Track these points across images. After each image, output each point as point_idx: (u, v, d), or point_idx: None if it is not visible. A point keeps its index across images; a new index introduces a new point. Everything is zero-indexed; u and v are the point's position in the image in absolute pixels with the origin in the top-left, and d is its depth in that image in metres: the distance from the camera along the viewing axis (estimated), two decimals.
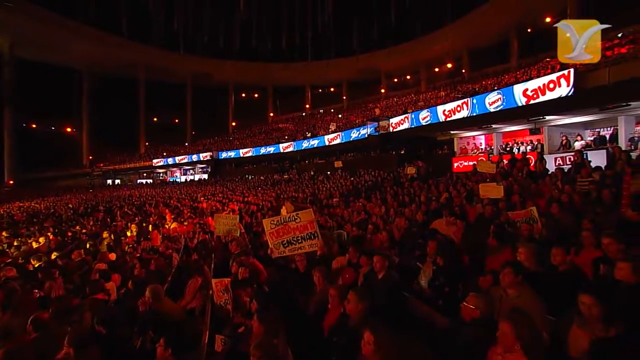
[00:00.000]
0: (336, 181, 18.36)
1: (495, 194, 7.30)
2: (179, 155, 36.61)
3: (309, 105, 47.34)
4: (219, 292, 4.23)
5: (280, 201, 13.07)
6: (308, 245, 4.51)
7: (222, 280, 4.46)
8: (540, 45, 26.11)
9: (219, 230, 6.94)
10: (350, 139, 23.14)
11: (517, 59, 28.01)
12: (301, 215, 4.56)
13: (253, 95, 50.62)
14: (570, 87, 10.17)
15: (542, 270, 3.28)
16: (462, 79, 32.32)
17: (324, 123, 32.27)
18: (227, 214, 7.77)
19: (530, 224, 5.30)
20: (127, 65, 39.33)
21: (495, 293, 3.02)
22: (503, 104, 12.70)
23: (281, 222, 4.61)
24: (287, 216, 4.64)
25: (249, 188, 20.80)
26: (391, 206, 8.38)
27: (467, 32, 29.35)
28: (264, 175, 27.05)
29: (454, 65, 34.84)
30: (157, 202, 17.43)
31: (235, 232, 6.78)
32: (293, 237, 4.54)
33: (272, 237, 4.65)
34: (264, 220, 4.96)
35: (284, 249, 4.59)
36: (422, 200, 8.82)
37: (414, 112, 18.22)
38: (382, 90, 41.25)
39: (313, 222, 4.50)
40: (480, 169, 9.79)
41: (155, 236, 7.90)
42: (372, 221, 6.45)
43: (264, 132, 37.41)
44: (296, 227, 4.51)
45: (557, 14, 25.55)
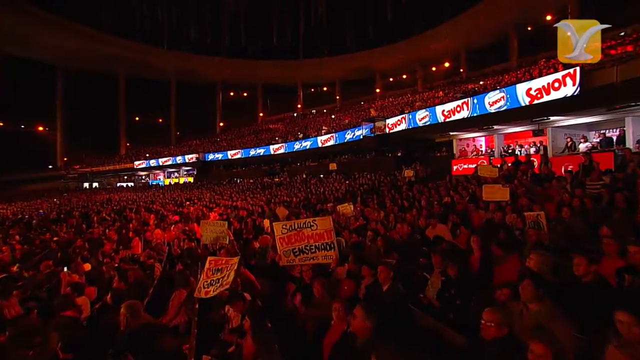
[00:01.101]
0: (330, 185, 18.23)
1: (500, 197, 7.23)
2: (162, 157, 36.05)
3: (301, 105, 47.28)
4: (208, 272, 4.08)
5: (272, 206, 12.84)
6: (322, 256, 4.32)
7: (219, 259, 4.34)
8: (541, 44, 26.50)
9: (206, 237, 6.70)
10: (344, 140, 23.04)
11: (517, 58, 28.39)
12: (318, 222, 4.37)
13: (242, 94, 50.34)
14: (576, 87, 10.21)
15: (561, 281, 3.14)
16: (460, 78, 32.62)
17: (317, 124, 32.19)
18: (214, 220, 7.53)
19: (536, 229, 5.27)
20: (107, 60, 38.55)
21: (513, 307, 2.87)
22: (506, 104, 12.72)
23: (294, 227, 4.41)
24: (303, 222, 4.44)
25: (238, 192, 20.48)
26: (391, 211, 8.22)
27: (465, 30, 29.68)
28: (253, 178, 26.79)
29: (451, 65, 35.16)
30: (139, 206, 16.99)
31: (224, 239, 6.55)
32: (306, 246, 4.35)
33: (282, 243, 4.44)
34: (274, 223, 4.75)
35: (294, 258, 4.40)
36: (422, 205, 8.74)
37: (411, 113, 18.21)
38: (377, 90, 41.45)
39: (331, 232, 4.31)
40: (481, 173, 9.75)
41: (136, 244, 7.60)
42: (371, 227, 6.28)
43: (254, 133, 37.17)
44: (311, 234, 4.32)
45: (557, 12, 26.04)
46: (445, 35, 31.42)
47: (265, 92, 48.20)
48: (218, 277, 4.30)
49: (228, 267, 4.31)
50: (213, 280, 4.30)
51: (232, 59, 42.18)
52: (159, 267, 5.91)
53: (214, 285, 4.26)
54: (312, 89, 48.73)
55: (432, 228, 5.90)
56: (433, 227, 5.89)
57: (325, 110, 42.18)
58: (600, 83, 10.19)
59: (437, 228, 5.87)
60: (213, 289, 4.24)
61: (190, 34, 36.62)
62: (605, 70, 10.14)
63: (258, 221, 10.11)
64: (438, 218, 6.81)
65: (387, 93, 39.25)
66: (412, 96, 31.25)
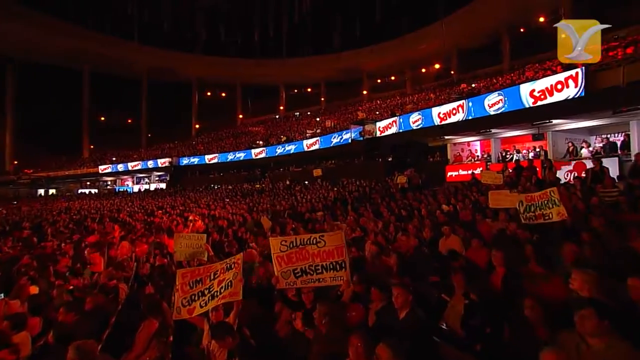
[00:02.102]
0: (316, 192, 17.80)
1: (507, 204, 7.00)
2: (131, 161, 34.84)
3: (283, 107, 46.92)
4: (184, 287, 3.68)
5: (255, 215, 12.25)
6: (330, 277, 3.79)
7: (194, 270, 3.91)
8: (534, 46, 27.20)
9: (180, 253, 6.12)
10: (330, 144, 22.74)
11: (509, 60, 28.96)
12: (327, 238, 3.85)
13: (220, 94, 49.46)
14: (579, 88, 10.23)
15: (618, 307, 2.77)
16: (451, 80, 33.05)
17: (301, 127, 31.86)
18: (190, 233, 6.92)
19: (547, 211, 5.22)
20: (70, 53, 36.73)
21: (568, 342, 2.48)
22: (505, 106, 12.68)
23: (296, 244, 3.88)
24: (307, 237, 3.92)
25: (216, 199, 19.72)
26: (389, 221, 7.84)
27: (457, 31, 30.12)
28: (232, 184, 26.09)
29: (442, 66, 35.63)
30: (103, 216, 15.97)
31: (202, 255, 5.98)
32: (311, 265, 3.82)
33: (281, 263, 3.90)
34: (271, 238, 4.19)
35: (296, 280, 3.86)
36: (423, 214, 8.41)
37: (403, 115, 18.09)
38: (364, 92, 41.58)
39: (342, 249, 3.78)
40: (484, 180, 9.57)
41: (98, 261, 6.89)
42: (375, 240, 5.85)
43: (233, 136, 36.55)
44: (317, 252, 3.80)
45: (550, 13, 26.75)
46: (436, 35, 31.80)
47: (245, 93, 47.56)
48: (203, 289, 3.76)
49: (218, 273, 3.79)
50: (196, 294, 3.76)
51: (209, 56, 41.29)
52: (124, 289, 5.27)
53: (200, 299, 3.72)
54: (296, 89, 48.43)
55: (445, 239, 5.52)
56: (447, 238, 5.51)
57: (309, 112, 41.89)
58: (605, 85, 10.23)
59: (450, 239, 5.49)
60: (200, 303, 3.70)
61: (164, 28, 35.52)
62: (610, 72, 10.19)
63: (240, 232, 9.53)
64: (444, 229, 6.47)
65: (374, 95, 39.41)
66: (401, 98, 31.44)
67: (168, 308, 4.38)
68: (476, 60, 31.47)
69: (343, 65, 39.84)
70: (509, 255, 4.35)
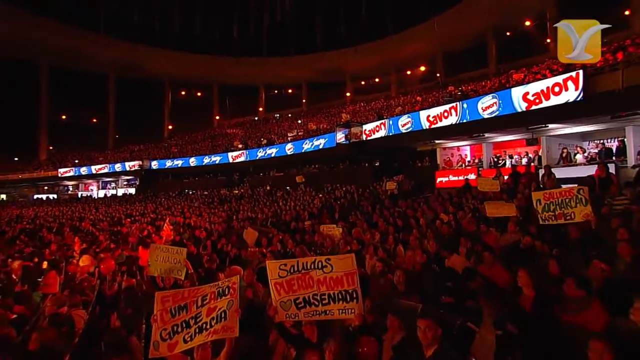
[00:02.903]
0: (299, 198, 17.32)
1: (505, 213, 6.78)
2: (96, 164, 33.35)
3: (263, 109, 46.23)
4: (164, 314, 3.11)
5: (235, 224, 11.60)
6: (339, 309, 3.26)
7: (176, 293, 3.30)
8: (520, 50, 27.82)
9: (155, 268, 5.47)
10: (312, 148, 22.28)
11: (495, 64, 29.47)
12: (335, 262, 3.31)
13: (195, 93, 48.21)
14: (579, 91, 10.21)
15: None
16: (436, 83, 33.34)
17: (281, 129, 31.37)
18: (166, 245, 6.25)
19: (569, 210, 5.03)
20: (25, 45, 34.37)
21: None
22: (499, 110, 12.61)
23: (298, 269, 3.33)
24: (311, 261, 3.37)
25: (191, 206, 18.85)
26: (387, 232, 7.42)
27: (443, 33, 30.48)
28: (208, 189, 25.25)
29: (427, 69, 35.97)
30: (62, 225, 14.82)
31: (179, 272, 5.35)
32: (315, 295, 3.28)
33: (280, 290, 3.35)
34: (268, 262, 3.61)
35: (297, 311, 3.31)
36: (422, 224, 8.05)
37: (392, 118, 17.87)
38: (348, 94, 41.47)
39: (353, 276, 3.25)
40: (481, 187, 9.35)
41: (53, 280, 6.09)
42: (376, 255, 5.39)
43: (209, 138, 35.61)
44: (323, 279, 3.27)
45: (537, 17, 27.47)
46: (421, 37, 32.07)
47: (223, 93, 46.49)
48: (188, 318, 3.14)
49: (208, 299, 3.20)
50: (178, 324, 3.12)
51: (184, 52, 40.01)
52: (83, 317, 4.57)
53: (184, 331, 3.10)
54: (276, 90, 47.82)
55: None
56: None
57: (290, 114, 41.39)
58: (602, 89, 10.26)
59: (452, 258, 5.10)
60: (185, 337, 3.07)
61: (134, 20, 34.14)
62: (607, 76, 10.24)
63: (220, 244, 8.87)
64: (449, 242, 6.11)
65: (358, 98, 39.35)
66: (385, 101, 31.43)
67: (138, 343, 3.76)
68: (462, 64, 31.88)
69: (326, 66, 39.57)
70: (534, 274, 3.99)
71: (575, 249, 5.05)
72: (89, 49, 35.77)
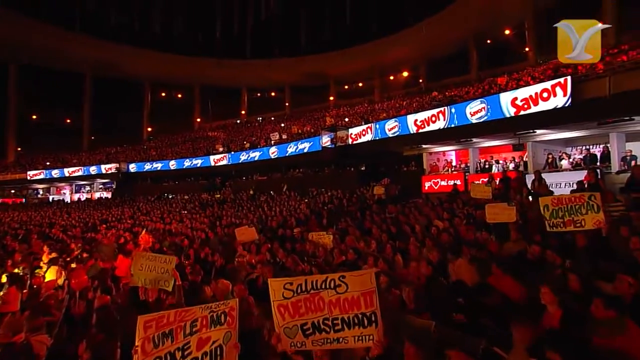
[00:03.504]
0: (284, 203, 16.81)
1: (505, 218, 6.57)
2: (70, 167, 31.71)
3: (245, 112, 45.47)
4: (146, 344, 2.63)
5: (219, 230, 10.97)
6: (355, 336, 2.76)
7: (160, 317, 2.77)
8: (500, 57, 28.34)
9: (139, 277, 4.90)
10: (297, 151, 21.85)
11: (476, 71, 29.88)
12: (350, 279, 2.80)
13: (176, 95, 46.98)
14: (568, 97, 10.20)
15: None
16: (419, 89, 33.59)
17: (265, 132, 30.81)
18: (150, 253, 5.66)
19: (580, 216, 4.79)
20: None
21: None
22: (487, 115, 12.52)
23: (306, 288, 2.82)
24: (321, 279, 2.86)
25: (171, 211, 18.01)
26: (382, 240, 7.03)
27: (426, 39, 30.73)
28: (188, 194, 24.34)
29: (410, 74, 36.22)
30: (29, 232, 13.73)
31: (167, 283, 4.80)
32: (326, 319, 2.79)
33: (284, 314, 2.84)
34: (271, 280, 3.00)
35: (305, 339, 2.79)
36: (417, 231, 7.71)
37: (379, 122, 17.66)
38: (331, 98, 41.33)
39: (372, 295, 2.76)
40: (474, 194, 9.16)
41: (13, 297, 5.38)
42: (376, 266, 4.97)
43: (190, 141, 34.54)
44: (336, 300, 2.78)
45: (515, 27, 28.05)
46: (405, 42, 32.23)
47: (204, 95, 45.44)
48: (173, 349, 2.64)
49: (198, 325, 2.71)
50: (162, 358, 2.62)
51: (165, 53, 38.87)
52: (45, 343, 3.95)
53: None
54: (259, 93, 47.16)
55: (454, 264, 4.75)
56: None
57: (272, 117, 40.85)
58: (589, 95, 10.28)
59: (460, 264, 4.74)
60: None
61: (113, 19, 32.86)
62: (594, 82, 10.27)
63: (204, 252, 8.26)
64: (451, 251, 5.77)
65: (341, 102, 39.26)
66: (369, 105, 31.36)
67: None
68: (444, 69, 32.27)
69: (310, 69, 39.28)
70: None
71: (583, 258, 4.81)
72: (63, 46, 34.17)
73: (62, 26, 33.63)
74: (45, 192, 35.27)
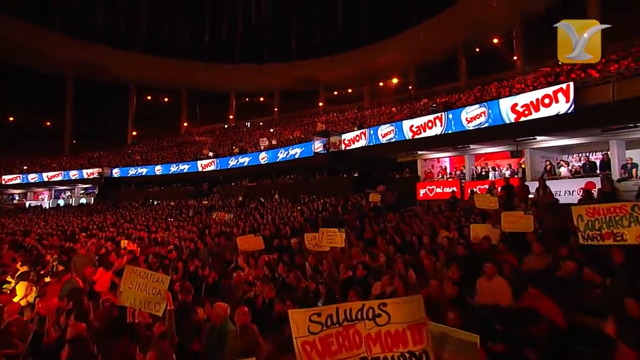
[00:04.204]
0: (276, 210, 16.15)
1: (522, 227, 6.23)
2: (49, 171, 30.15)
3: (233, 116, 44.56)
4: None
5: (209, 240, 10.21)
6: None
7: None
8: (488, 66, 28.44)
9: (128, 297, 4.29)
10: (288, 157, 21.24)
11: (465, 79, 29.90)
12: (393, 307, 2.22)
13: (162, 99, 45.68)
14: (570, 104, 9.92)
15: None
16: (409, 95, 33.45)
17: (253, 138, 30.13)
18: (143, 269, 4.95)
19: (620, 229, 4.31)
20: None
21: None
22: (487, 121, 12.18)
23: (338, 319, 2.22)
24: (357, 307, 2.24)
25: (156, 218, 17.09)
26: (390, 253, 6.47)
27: (416, 46, 30.68)
28: (175, 200, 23.41)
29: (400, 81, 36.08)
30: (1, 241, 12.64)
31: (158, 306, 4.14)
32: (363, 359, 2.20)
33: (311, 354, 2.21)
34: (293, 311, 2.36)
35: None
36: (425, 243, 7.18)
37: (373, 127, 17.21)
38: (320, 104, 40.90)
39: (422, 330, 2.19)
40: (479, 204, 8.71)
41: None
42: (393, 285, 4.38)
43: (176, 146, 33.52)
44: (377, 334, 2.20)
45: (503, 35, 28.22)
46: (395, 49, 32.09)
47: (192, 99, 44.24)
48: None
49: None
50: None
51: (152, 55, 37.63)
52: None
53: None
54: (247, 98, 46.31)
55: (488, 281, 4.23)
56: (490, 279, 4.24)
57: (261, 123, 40.11)
58: (593, 101, 10.02)
59: (496, 283, 4.21)
60: None
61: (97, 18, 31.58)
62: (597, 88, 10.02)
63: (193, 266, 7.53)
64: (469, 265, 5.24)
65: (330, 108, 38.88)
66: (359, 112, 31.02)
67: None
68: (434, 77, 32.22)
69: (299, 74, 38.78)
70: None
71: (621, 276, 4.34)
72: (43, 46, 32.66)
73: (43, 25, 32.16)
74: (21, 197, 33.50)
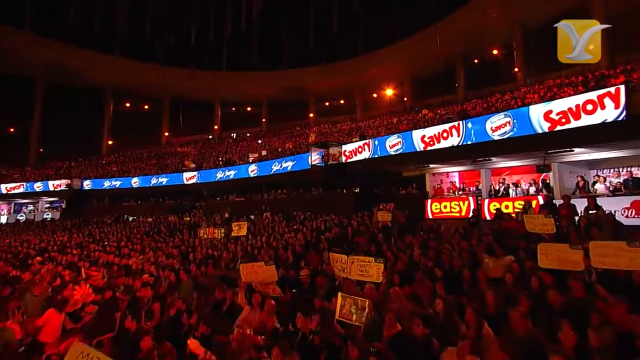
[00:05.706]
0: (267, 228, 14.39)
1: (570, 266, 4.94)
2: (9, 182, 27.45)
3: (218, 127, 42.88)
4: None
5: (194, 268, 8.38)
6: None
7: None
8: (487, 77, 27.77)
9: None
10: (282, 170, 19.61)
11: (463, 91, 29.19)
12: None
13: (142, 106, 43.60)
14: (621, 110, 8.73)
15: None
16: (404, 107, 32.58)
17: (240, 149, 28.47)
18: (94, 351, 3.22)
19: None
20: None
21: None
22: (513, 131, 10.94)
23: None
24: None
25: (130, 238, 15.02)
26: (444, 298, 4.88)
27: (411, 56, 29.98)
28: (152, 216, 21.31)
29: (394, 93, 35.29)
30: None
31: None
32: None
33: None
34: None
35: None
36: (481, 279, 5.63)
37: (378, 138, 15.82)
38: (311, 115, 39.84)
39: None
40: (531, 227, 7.12)
41: None
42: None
43: (156, 157, 31.41)
44: None
45: (503, 47, 27.73)
46: (389, 59, 31.33)
47: (174, 107, 42.41)
48: None
49: None
50: None
51: (130, 59, 35.80)
52: None
53: None
54: (233, 108, 44.72)
55: None
56: None
57: (248, 134, 38.48)
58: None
59: None
60: None
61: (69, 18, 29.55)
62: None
63: (174, 310, 5.73)
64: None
65: (321, 119, 37.81)
66: (353, 123, 29.85)
67: None
68: (430, 88, 31.47)
69: (289, 84, 37.56)
70: None
71: None
72: (9, 46, 30.25)
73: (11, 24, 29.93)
74: None
